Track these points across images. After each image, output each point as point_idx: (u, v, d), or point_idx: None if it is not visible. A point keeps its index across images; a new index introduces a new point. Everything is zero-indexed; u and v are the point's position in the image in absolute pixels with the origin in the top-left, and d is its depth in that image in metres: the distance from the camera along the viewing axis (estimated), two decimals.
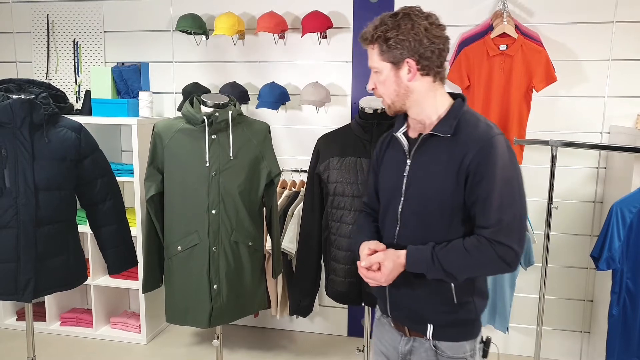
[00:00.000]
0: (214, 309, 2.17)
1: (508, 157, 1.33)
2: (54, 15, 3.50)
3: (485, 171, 1.31)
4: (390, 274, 1.39)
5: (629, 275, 2.16)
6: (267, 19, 3.02)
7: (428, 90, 1.40)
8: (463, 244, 1.34)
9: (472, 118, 1.39)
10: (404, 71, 1.38)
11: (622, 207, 2.13)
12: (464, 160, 1.33)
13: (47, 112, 1.97)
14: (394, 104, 1.44)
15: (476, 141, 1.33)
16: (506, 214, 1.31)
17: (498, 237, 1.30)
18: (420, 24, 1.34)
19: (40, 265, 2.00)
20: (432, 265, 1.35)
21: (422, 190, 1.40)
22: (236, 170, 2.15)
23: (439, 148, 1.38)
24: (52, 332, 3.41)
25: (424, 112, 1.42)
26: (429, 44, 1.35)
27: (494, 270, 1.37)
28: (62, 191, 2.03)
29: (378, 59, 1.40)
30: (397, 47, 1.35)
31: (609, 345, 2.26)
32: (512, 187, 1.32)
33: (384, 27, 1.36)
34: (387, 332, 1.56)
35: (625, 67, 2.86)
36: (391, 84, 1.40)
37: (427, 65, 1.37)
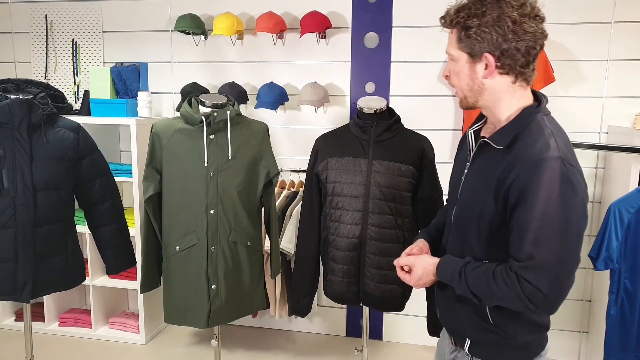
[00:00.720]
0: (213, 309, 2.17)
1: (559, 187, 1.11)
2: (52, 15, 3.50)
3: (525, 197, 1.13)
4: (420, 279, 1.34)
5: (627, 275, 2.16)
6: (265, 19, 3.02)
7: (505, 92, 1.23)
8: (493, 270, 1.19)
9: (536, 130, 1.19)
10: (480, 66, 1.21)
11: (620, 207, 2.14)
12: (506, 181, 1.17)
13: (45, 112, 1.97)
14: (467, 99, 1.28)
15: (525, 159, 1.14)
16: (540, 252, 1.12)
17: (526, 275, 1.13)
18: (508, 15, 1.15)
19: (38, 266, 2.00)
20: (459, 282, 1.25)
21: (467, 200, 1.30)
22: (235, 170, 2.15)
23: (491, 158, 1.24)
24: (50, 333, 3.41)
25: (495, 114, 1.27)
26: (515, 40, 1.16)
27: (519, 307, 1.18)
28: (60, 191, 2.03)
29: (455, 46, 1.24)
30: (477, 38, 1.18)
31: (607, 345, 2.26)
32: (553, 223, 1.12)
33: (466, 12, 1.19)
34: (444, 337, 1.51)
35: (624, 67, 2.87)
36: (464, 77, 1.25)
37: (509, 63, 1.18)
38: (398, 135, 2.14)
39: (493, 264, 1.22)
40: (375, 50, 3.12)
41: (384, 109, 2.17)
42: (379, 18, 3.09)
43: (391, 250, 2.08)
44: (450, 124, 3.09)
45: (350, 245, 2.12)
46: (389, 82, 3.12)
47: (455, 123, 3.09)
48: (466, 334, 1.35)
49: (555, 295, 1.15)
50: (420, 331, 2.85)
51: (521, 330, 1.29)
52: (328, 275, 2.23)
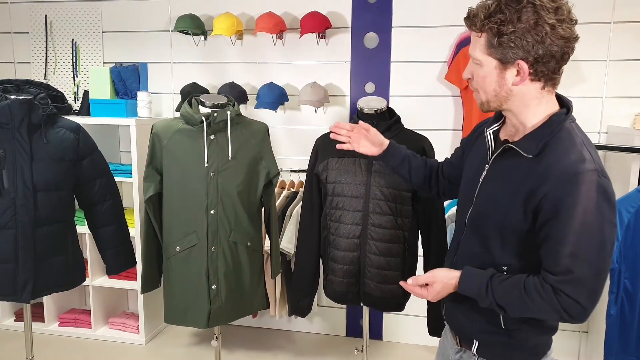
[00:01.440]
0: (213, 309, 2.17)
1: (595, 200, 1.09)
2: (52, 15, 3.50)
3: (561, 209, 1.10)
4: (438, 294, 1.30)
5: (627, 275, 2.16)
6: (265, 19, 3.02)
7: (533, 98, 1.19)
8: (525, 282, 1.17)
9: (567, 139, 1.16)
10: (511, 72, 1.16)
11: (620, 207, 2.13)
12: (538, 191, 1.13)
13: (45, 113, 1.97)
14: (490, 103, 1.23)
15: (559, 171, 1.11)
16: (579, 266, 1.11)
17: (565, 289, 1.12)
18: (547, 20, 1.09)
19: (38, 266, 2.00)
20: (485, 296, 1.22)
21: (487, 204, 1.25)
22: (235, 170, 2.15)
23: (517, 165, 1.19)
24: (50, 333, 3.41)
25: (520, 119, 1.22)
26: (550, 46, 1.11)
27: (554, 318, 1.19)
28: (60, 192, 2.02)
29: (483, 51, 1.17)
30: (511, 45, 1.12)
31: (607, 345, 2.26)
32: (592, 236, 1.10)
33: (500, 16, 1.11)
34: (447, 337, 1.50)
35: (623, 67, 2.87)
36: (492, 82, 1.19)
37: (542, 70, 1.14)
38: (398, 135, 2.14)
39: (522, 276, 1.19)
40: (375, 51, 3.12)
41: (384, 109, 2.17)
42: (378, 18, 3.09)
43: (391, 250, 2.08)
44: (450, 124, 3.10)
45: (350, 245, 2.12)
46: (389, 83, 3.12)
47: (455, 123, 3.09)
48: (474, 336, 1.34)
49: (592, 305, 1.14)
50: (420, 331, 2.85)
51: (532, 333, 1.29)
52: (328, 275, 2.23)
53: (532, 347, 1.30)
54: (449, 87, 3.03)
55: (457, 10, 3.00)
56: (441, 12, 3.00)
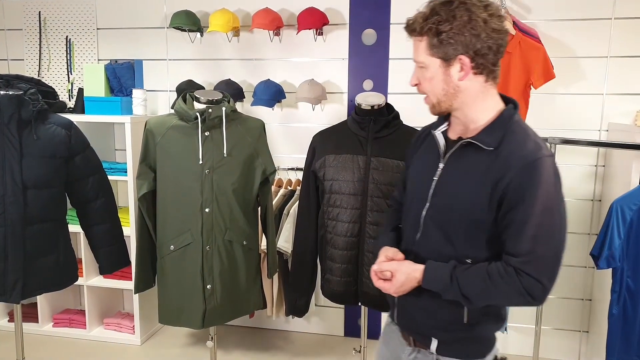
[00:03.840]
0: (208, 309, 2.13)
1: (553, 183, 1.19)
2: (46, 12, 3.45)
3: (524, 195, 1.17)
4: (401, 286, 1.31)
5: (629, 273, 2.13)
6: (262, 16, 2.99)
7: (479, 92, 1.25)
8: (487, 269, 1.22)
9: (521, 132, 1.24)
10: (455, 69, 1.23)
11: (623, 205, 2.11)
12: (502, 180, 1.19)
13: (35, 109, 1.93)
14: (440, 104, 1.29)
15: (519, 160, 1.18)
16: (541, 246, 1.17)
17: (527, 269, 1.18)
18: (479, 16, 1.18)
19: (28, 265, 1.96)
20: (450, 287, 1.24)
21: (450, 200, 1.28)
22: (230, 167, 2.11)
23: (477, 159, 1.25)
24: (44, 334, 3.37)
25: (470, 115, 1.28)
26: (486, 39, 1.19)
27: (516, 302, 1.23)
28: (51, 189, 1.98)
29: (426, 53, 1.25)
30: (451, 42, 1.20)
31: (609, 345, 2.23)
32: (552, 218, 1.18)
33: (436, 17, 1.20)
34: (393, 339, 1.49)
35: (624, 64, 2.84)
36: (439, 82, 1.26)
37: (482, 63, 1.21)
38: (397, 131, 2.11)
39: (484, 264, 1.24)
40: (373, 47, 3.09)
41: (383, 105, 2.14)
42: (377, 15, 3.05)
43: None
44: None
45: (348, 243, 2.08)
46: (387, 80, 3.08)
47: None
48: (433, 335, 1.35)
49: (552, 285, 1.20)
50: None
51: (493, 326, 1.34)
52: (326, 274, 2.19)
53: (487, 340, 1.36)
54: None
55: None
56: None
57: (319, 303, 3.35)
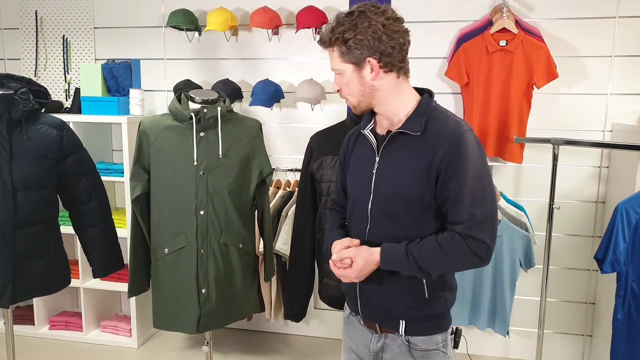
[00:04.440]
0: (203, 314, 2.09)
1: (478, 153, 1.34)
2: (42, 11, 3.42)
3: (456, 168, 1.31)
4: (361, 270, 1.39)
5: (635, 278, 2.08)
6: (260, 14, 2.95)
7: (393, 87, 1.39)
8: (437, 240, 1.35)
9: (441, 115, 1.39)
10: (366, 71, 1.36)
11: (627, 207, 2.06)
12: (435, 159, 1.33)
13: (26, 108, 1.89)
14: (360, 104, 1.42)
15: (446, 138, 1.33)
16: (479, 209, 1.32)
17: (471, 232, 1.31)
18: (377, 21, 1.32)
19: (18, 269, 1.91)
20: (407, 262, 1.34)
21: (392, 188, 1.39)
22: (225, 169, 2.07)
23: (408, 145, 1.38)
24: (40, 336, 3.33)
25: (391, 109, 1.41)
26: (388, 40, 1.33)
27: (467, 264, 1.38)
28: (42, 191, 1.94)
29: (339, 61, 1.38)
30: (357, 47, 1.33)
31: (614, 350, 2.18)
32: (483, 183, 1.33)
33: (341, 28, 1.33)
34: (357, 330, 1.55)
35: (628, 63, 2.79)
36: (355, 84, 1.39)
37: (389, 61, 1.35)
38: None
39: (432, 237, 1.36)
40: None
41: None
42: None
43: None
44: None
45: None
46: None
47: None
48: (401, 317, 1.43)
49: (493, 243, 1.34)
50: None
51: (450, 297, 1.46)
52: (323, 278, 2.15)
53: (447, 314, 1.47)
54: (449, 83, 2.95)
55: (456, 5, 2.92)
56: (440, 7, 2.93)
57: (318, 306, 3.31)
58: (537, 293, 2.94)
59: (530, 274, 2.92)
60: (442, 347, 1.45)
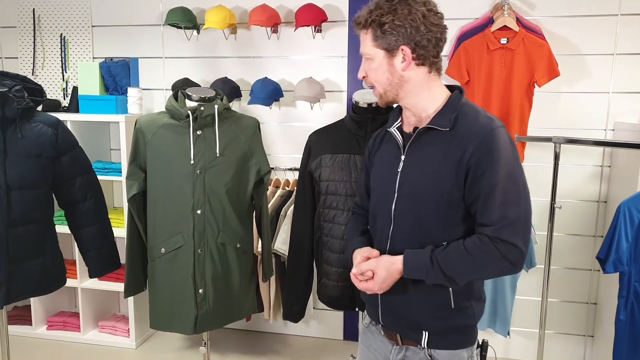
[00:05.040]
0: (200, 314, 2.06)
1: (511, 150, 1.26)
2: (40, 9, 3.40)
3: (487, 166, 1.23)
4: (383, 282, 1.31)
5: (637, 278, 2.05)
6: (259, 12, 2.93)
7: (423, 81, 1.33)
8: (464, 245, 1.26)
9: (472, 110, 1.32)
10: (398, 59, 1.30)
11: (630, 207, 2.03)
12: (464, 155, 1.25)
13: (20, 106, 1.86)
14: (387, 93, 1.36)
15: (477, 134, 1.26)
16: (510, 210, 1.23)
17: (501, 235, 1.23)
18: (418, 10, 1.27)
19: (13, 269, 1.89)
20: (432, 270, 1.26)
21: (417, 187, 1.32)
22: (223, 168, 2.04)
23: (436, 142, 1.31)
24: (38, 337, 3.32)
25: (419, 104, 1.35)
26: (425, 31, 1.28)
27: (497, 271, 1.30)
28: (37, 190, 1.92)
29: (371, 45, 1.32)
30: (392, 32, 1.28)
31: (616, 351, 2.16)
32: (516, 182, 1.25)
33: (379, 11, 1.28)
34: (377, 340, 1.48)
35: (631, 61, 2.77)
36: (384, 72, 1.32)
37: (423, 54, 1.29)
38: None
39: (459, 242, 1.27)
40: None
41: None
42: None
43: None
44: None
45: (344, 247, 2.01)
46: None
47: None
48: (424, 327, 1.36)
49: (526, 247, 1.25)
50: None
51: (478, 308, 1.37)
52: (322, 278, 2.13)
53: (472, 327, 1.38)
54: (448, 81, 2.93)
55: (457, 2, 2.90)
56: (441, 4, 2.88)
57: (318, 306, 3.29)
58: (538, 293, 2.92)
59: (532, 274, 2.90)
60: None
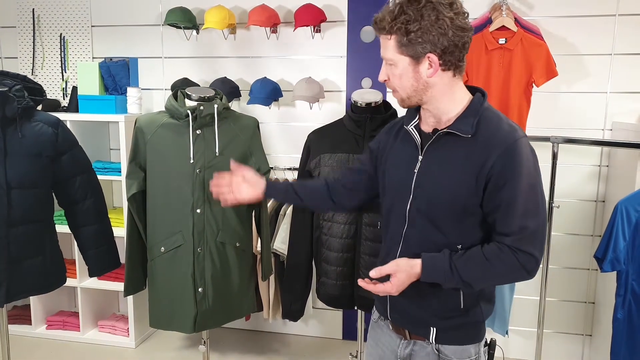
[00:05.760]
0: (199, 313, 2.07)
1: (532, 162, 1.25)
2: (39, 9, 3.40)
3: (509, 176, 1.22)
4: (402, 285, 1.29)
5: (635, 277, 2.06)
6: (258, 12, 2.93)
7: (447, 86, 1.29)
8: (483, 252, 1.26)
9: (494, 117, 1.29)
10: (424, 66, 1.26)
11: (628, 206, 2.04)
12: (486, 164, 1.23)
13: (21, 106, 1.86)
14: (410, 99, 1.32)
15: (500, 144, 1.24)
16: (531, 221, 1.23)
17: (521, 245, 1.23)
18: (445, 16, 1.21)
19: (13, 268, 1.89)
20: (451, 276, 1.26)
21: (434, 189, 1.30)
22: (222, 167, 2.03)
23: (456, 146, 1.28)
24: (38, 336, 3.32)
25: (441, 108, 1.31)
26: (453, 37, 1.23)
27: (513, 278, 1.30)
28: (37, 189, 1.92)
29: (395, 51, 1.27)
30: (419, 41, 1.22)
31: (614, 350, 2.17)
32: (536, 194, 1.25)
33: (405, 17, 1.22)
34: (385, 334, 1.49)
35: (628, 61, 2.78)
36: (409, 79, 1.28)
37: (450, 60, 1.25)
38: None
39: (477, 248, 1.27)
40: (372, 45, 3.03)
41: (380, 102, 2.08)
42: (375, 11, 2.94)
43: None
44: None
45: (343, 246, 2.02)
46: None
47: None
48: (431, 324, 1.37)
49: (541, 256, 1.27)
50: None
51: (486, 308, 1.38)
52: (321, 277, 2.14)
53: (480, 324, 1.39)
54: None
55: None
56: None
57: (317, 305, 3.30)
58: (537, 292, 2.92)
59: None
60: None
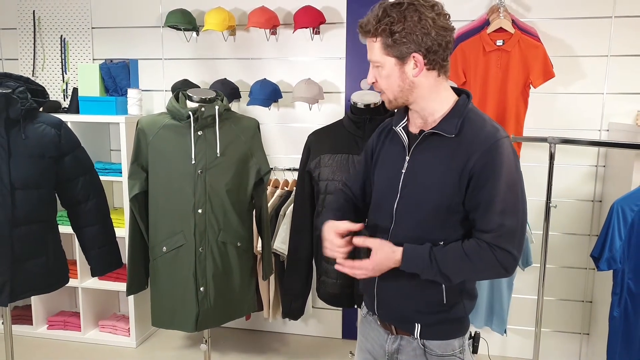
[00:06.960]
0: (201, 312, 2.09)
1: (513, 161, 1.30)
2: (40, 11, 3.42)
3: (490, 175, 1.27)
4: (379, 264, 1.34)
5: (631, 275, 2.09)
6: (258, 14, 2.95)
7: (433, 86, 1.33)
8: (462, 247, 1.31)
9: (478, 118, 1.34)
10: (409, 66, 1.30)
11: (624, 205, 2.07)
12: (468, 163, 1.28)
13: (24, 107, 1.89)
14: (397, 99, 1.36)
15: (482, 143, 1.28)
16: (508, 219, 1.27)
17: (499, 242, 1.27)
18: (427, 16, 1.25)
19: (16, 268, 1.91)
20: (429, 266, 1.30)
21: (420, 189, 1.35)
22: (223, 167, 2.07)
23: (441, 147, 1.33)
24: (39, 336, 3.33)
25: (427, 108, 1.35)
26: (436, 36, 1.27)
27: (490, 274, 1.35)
28: (40, 190, 1.94)
29: (381, 53, 1.31)
30: (404, 41, 1.27)
31: (610, 348, 2.19)
32: (515, 193, 1.29)
33: (389, 19, 1.26)
34: (373, 329, 1.53)
35: (625, 63, 2.80)
36: (395, 79, 1.32)
37: (434, 59, 1.29)
38: None
39: (457, 243, 1.32)
40: None
41: (379, 103, 2.10)
42: None
43: None
44: None
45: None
46: None
47: None
48: (416, 320, 1.41)
49: (519, 254, 1.30)
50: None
51: (468, 304, 1.42)
52: (321, 276, 2.16)
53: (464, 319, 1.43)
54: None
55: (453, 5, 2.92)
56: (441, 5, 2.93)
57: (317, 305, 3.32)
58: (535, 291, 2.95)
59: (528, 273, 2.93)
60: (458, 353, 1.42)
